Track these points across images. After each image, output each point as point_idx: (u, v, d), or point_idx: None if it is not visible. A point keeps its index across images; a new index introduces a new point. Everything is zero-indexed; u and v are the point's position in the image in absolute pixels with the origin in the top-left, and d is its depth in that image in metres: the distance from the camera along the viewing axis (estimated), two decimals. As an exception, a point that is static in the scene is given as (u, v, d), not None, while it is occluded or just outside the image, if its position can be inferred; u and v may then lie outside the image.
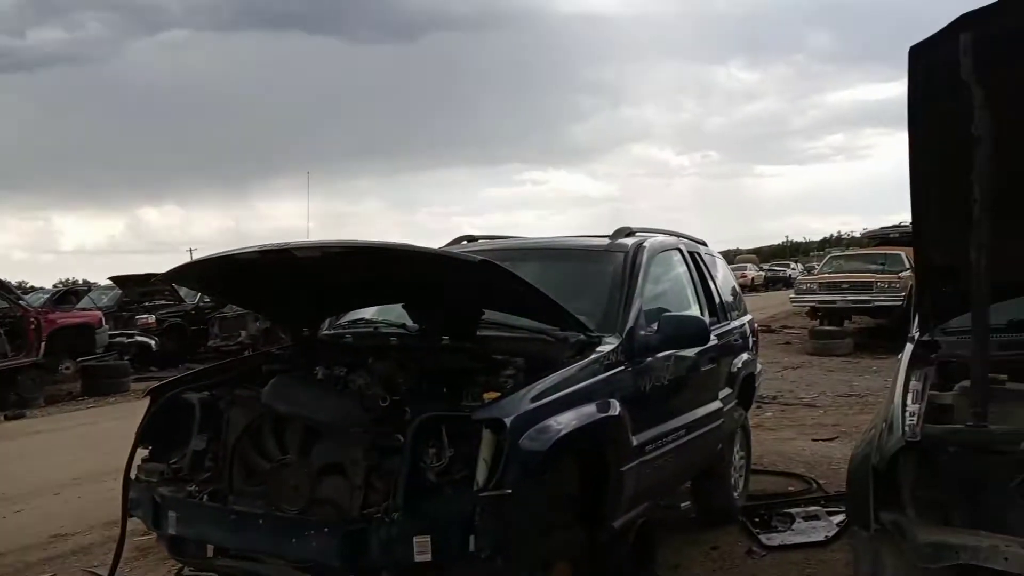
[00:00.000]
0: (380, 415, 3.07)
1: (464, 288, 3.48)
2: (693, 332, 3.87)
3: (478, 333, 3.62)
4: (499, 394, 3.00)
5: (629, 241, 4.38)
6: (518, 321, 3.68)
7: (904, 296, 13.76)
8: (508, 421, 2.76)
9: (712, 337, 4.30)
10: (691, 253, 5.04)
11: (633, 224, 4.70)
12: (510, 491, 2.65)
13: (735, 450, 5.06)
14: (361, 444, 2.96)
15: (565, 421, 3.00)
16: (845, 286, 15.22)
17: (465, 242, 5.14)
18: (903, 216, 20.47)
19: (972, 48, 2.27)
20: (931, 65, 2.39)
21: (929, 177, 2.70)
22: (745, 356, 5.34)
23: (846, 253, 20.03)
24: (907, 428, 2.14)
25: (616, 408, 3.34)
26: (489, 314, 3.64)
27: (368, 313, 4.38)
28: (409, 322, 3.89)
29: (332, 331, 4.24)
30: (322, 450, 3.06)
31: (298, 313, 3.98)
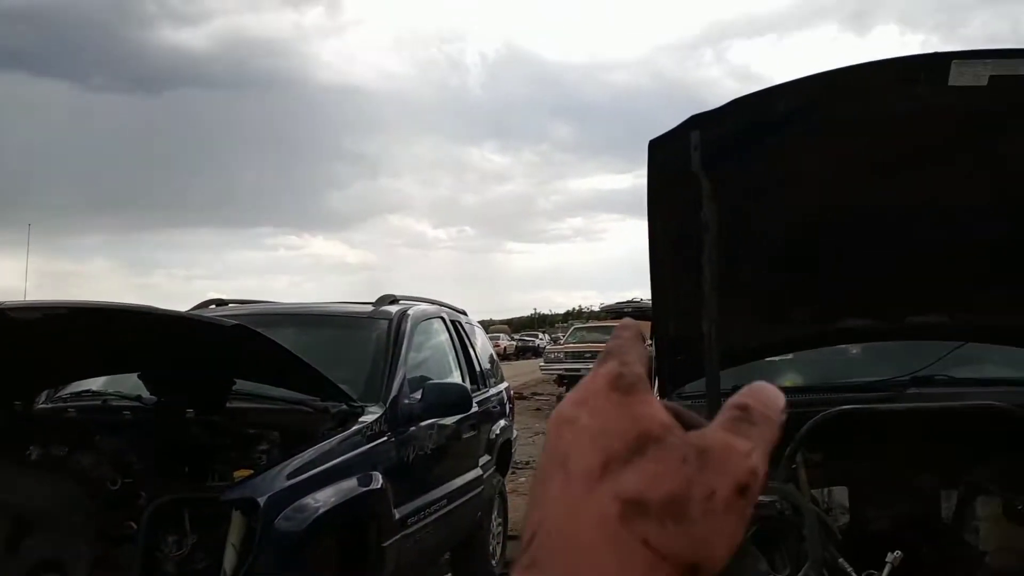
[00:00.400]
0: (110, 500, 2.71)
1: (213, 355, 3.22)
2: (456, 399, 3.89)
3: (228, 405, 3.36)
4: (252, 472, 2.78)
5: (393, 309, 4.34)
6: (273, 391, 3.47)
7: (639, 364, 14.96)
8: (261, 501, 2.56)
9: (473, 404, 4.35)
10: (453, 322, 5.12)
11: (391, 293, 4.68)
12: (262, 578, 2.43)
13: (493, 517, 5.10)
14: (84, 535, 2.58)
15: (324, 498, 2.85)
16: (588, 355, 16.35)
17: (213, 306, 4.80)
18: (634, 292, 22.65)
19: (701, 144, 2.55)
20: (666, 157, 2.66)
21: (665, 256, 2.97)
22: (502, 423, 5.46)
23: (588, 325, 21.55)
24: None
25: (379, 481, 3.23)
26: (241, 384, 3.40)
27: (95, 384, 3.90)
28: (146, 393, 3.51)
29: (51, 404, 3.71)
30: (35, 543, 2.63)
31: (8, 384, 3.44)
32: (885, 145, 2.66)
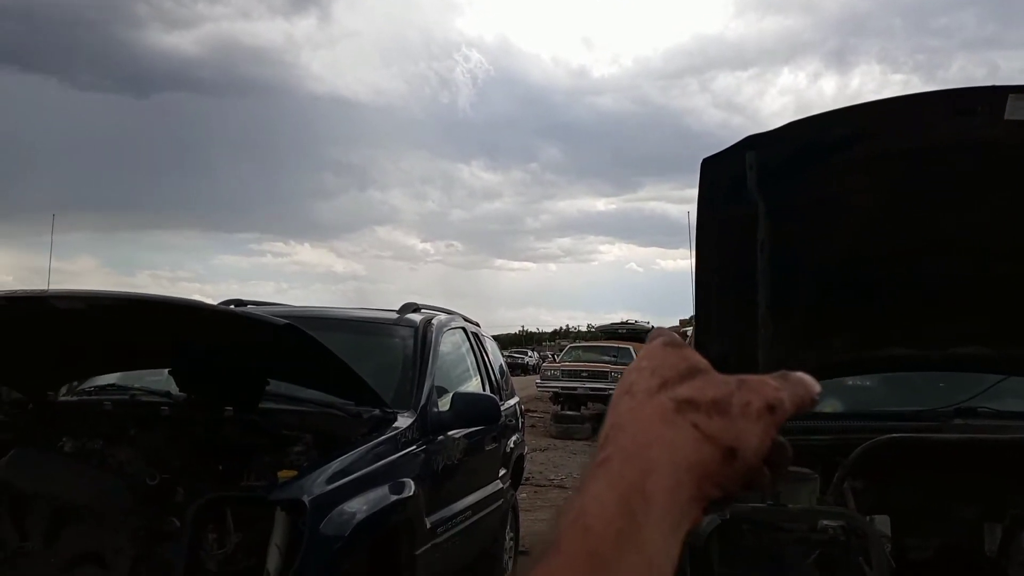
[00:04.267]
0: (148, 496, 2.67)
1: (253, 354, 3.19)
2: (486, 410, 3.86)
3: (261, 405, 3.32)
4: (296, 472, 2.75)
5: (417, 317, 4.33)
6: (304, 393, 3.44)
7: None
8: (308, 502, 2.53)
9: (501, 415, 4.33)
10: (473, 333, 5.10)
11: (413, 302, 4.64)
12: (308, 581, 2.40)
13: (506, 532, 5.06)
14: (126, 529, 2.53)
15: (364, 503, 2.82)
16: (584, 374, 16.30)
17: (232, 307, 4.77)
18: (620, 314, 22.69)
19: (756, 164, 2.56)
20: (719, 176, 2.67)
21: (712, 276, 2.97)
22: (516, 437, 5.43)
23: (583, 345, 21.45)
24: (718, 507, 2.26)
25: (411, 488, 3.20)
26: (273, 384, 3.36)
27: (113, 378, 3.86)
28: (173, 388, 3.47)
29: (76, 397, 3.66)
30: (74, 536, 2.58)
31: (43, 373, 3.39)
32: (935, 176, 2.67)
